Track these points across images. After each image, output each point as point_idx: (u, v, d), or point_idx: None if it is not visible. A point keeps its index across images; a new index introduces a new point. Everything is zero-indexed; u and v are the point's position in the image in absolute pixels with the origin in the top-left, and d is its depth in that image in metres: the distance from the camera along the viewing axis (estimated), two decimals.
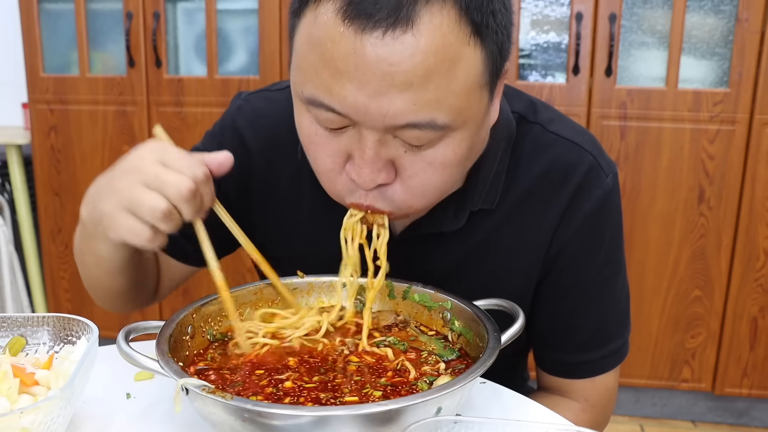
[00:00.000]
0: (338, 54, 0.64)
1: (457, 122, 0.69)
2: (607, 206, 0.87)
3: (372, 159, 0.69)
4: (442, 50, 0.64)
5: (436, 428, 0.54)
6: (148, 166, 0.69)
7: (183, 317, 0.74)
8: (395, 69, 0.63)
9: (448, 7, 0.64)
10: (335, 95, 0.66)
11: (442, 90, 0.65)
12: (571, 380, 0.94)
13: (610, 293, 0.91)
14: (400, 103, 0.65)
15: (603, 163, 0.87)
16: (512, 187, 0.87)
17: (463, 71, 0.66)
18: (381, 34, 0.62)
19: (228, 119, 0.98)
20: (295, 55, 0.71)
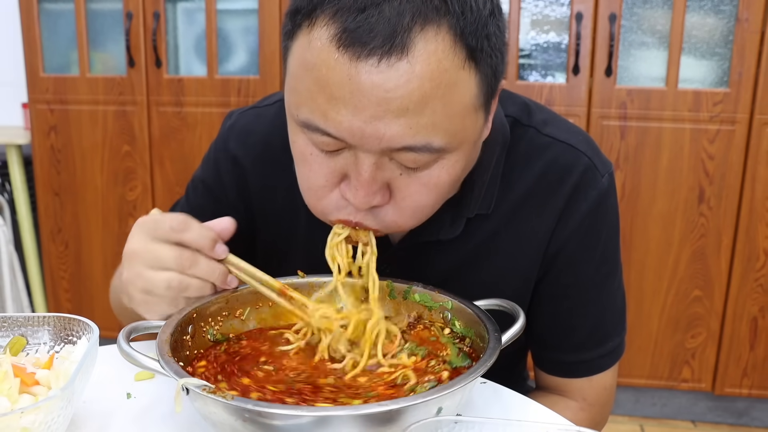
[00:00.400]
0: (333, 80, 0.64)
1: (453, 144, 0.69)
2: (603, 205, 0.87)
3: (368, 182, 0.69)
4: (438, 76, 0.64)
5: (437, 428, 0.54)
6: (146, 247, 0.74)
7: (183, 317, 0.74)
8: (391, 95, 0.63)
9: (443, 32, 0.64)
10: (331, 120, 0.66)
11: (438, 114, 0.66)
12: (569, 379, 0.94)
13: (607, 292, 0.92)
14: (396, 128, 0.65)
15: (598, 163, 0.87)
16: (508, 191, 0.87)
17: (459, 95, 0.66)
18: (376, 61, 0.62)
19: (220, 142, 0.99)
20: (289, 77, 0.71)
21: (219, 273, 0.76)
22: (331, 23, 0.64)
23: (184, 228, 0.73)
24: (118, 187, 2.57)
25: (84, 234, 2.63)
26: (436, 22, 0.63)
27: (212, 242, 0.74)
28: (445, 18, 0.64)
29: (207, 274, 0.75)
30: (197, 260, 0.74)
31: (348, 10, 0.63)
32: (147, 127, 2.49)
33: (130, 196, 2.57)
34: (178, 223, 0.73)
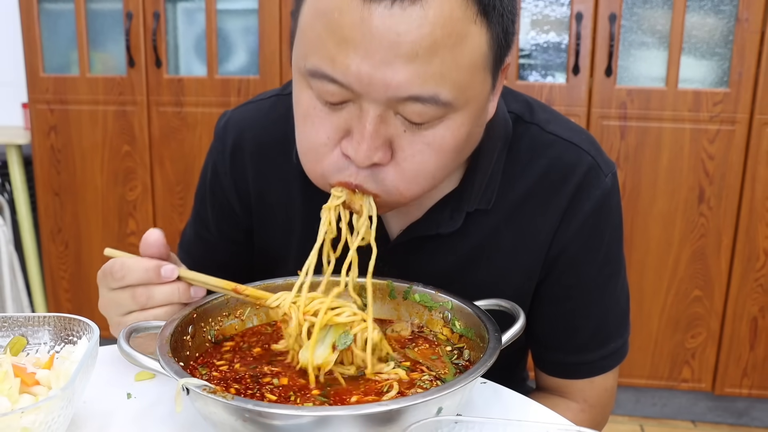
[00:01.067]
0: (345, 23, 0.64)
1: (460, 101, 0.68)
2: (607, 206, 0.87)
3: (371, 135, 0.68)
4: (450, 24, 0.64)
5: (437, 428, 0.54)
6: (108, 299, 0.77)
7: (183, 317, 0.74)
8: (402, 39, 0.63)
9: None
10: (339, 64, 0.66)
11: (447, 64, 0.65)
12: (571, 381, 0.94)
13: (610, 293, 0.91)
14: (404, 74, 0.65)
15: (602, 163, 0.87)
16: (509, 188, 0.86)
17: (469, 48, 0.66)
18: (389, 3, 0.63)
19: (216, 141, 0.99)
20: (299, 30, 0.71)
21: (180, 292, 0.76)
22: None
23: (124, 274, 0.74)
24: (118, 187, 2.57)
25: (84, 234, 2.63)
26: None
27: (155, 272, 0.75)
28: None
29: (167, 299, 0.75)
30: (151, 293, 0.75)
31: None
32: (147, 127, 2.49)
33: (130, 196, 2.57)
34: (116, 271, 0.75)
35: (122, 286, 0.75)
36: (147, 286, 0.75)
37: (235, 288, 0.76)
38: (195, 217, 1.04)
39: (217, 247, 1.02)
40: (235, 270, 1.03)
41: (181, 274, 0.76)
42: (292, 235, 0.96)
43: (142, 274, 0.74)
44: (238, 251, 1.02)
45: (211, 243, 1.02)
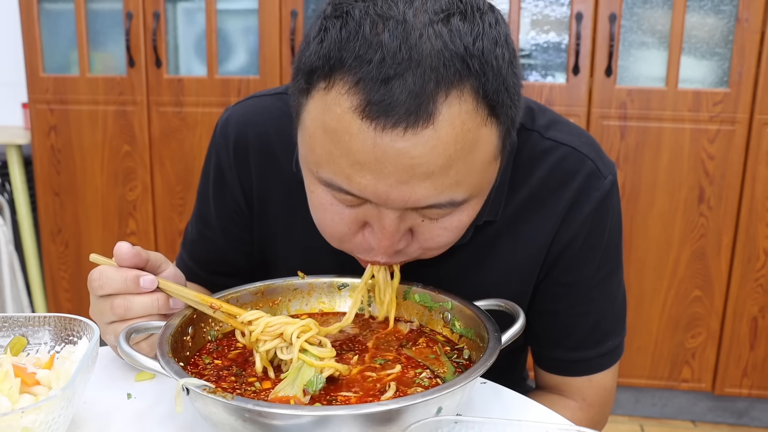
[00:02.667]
0: (356, 147, 0.64)
1: (474, 194, 0.71)
2: (605, 205, 0.87)
3: (392, 233, 0.70)
4: (461, 138, 0.64)
5: (437, 428, 0.54)
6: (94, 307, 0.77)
7: (183, 317, 0.74)
8: (416, 162, 0.64)
9: (465, 95, 0.63)
10: (355, 183, 0.66)
11: (461, 173, 0.67)
12: (569, 379, 0.94)
13: (608, 292, 0.92)
14: (422, 191, 0.66)
15: (602, 166, 0.88)
16: (512, 195, 0.87)
17: (481, 151, 0.67)
18: (402, 131, 0.62)
19: (220, 136, 0.98)
20: (305, 134, 0.70)
21: (159, 304, 0.75)
22: (353, 92, 0.63)
23: (102, 283, 0.74)
24: (118, 187, 2.57)
25: (84, 234, 2.64)
26: (458, 86, 0.63)
27: (134, 283, 0.74)
28: (468, 80, 0.63)
29: (145, 311, 0.75)
30: (129, 304, 0.74)
31: (371, 80, 0.62)
32: (147, 127, 2.49)
33: (130, 196, 2.57)
34: (95, 280, 0.75)
35: (102, 295, 0.75)
36: (125, 296, 0.75)
37: (211, 304, 0.74)
38: (197, 215, 1.04)
39: (221, 246, 1.02)
40: (239, 269, 1.03)
41: (160, 285, 0.76)
42: (292, 236, 0.96)
43: (121, 284, 0.74)
44: (242, 249, 1.02)
45: (214, 241, 1.02)
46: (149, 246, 2.54)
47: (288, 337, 0.69)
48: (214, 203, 1.00)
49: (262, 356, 0.70)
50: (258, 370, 0.70)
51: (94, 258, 0.77)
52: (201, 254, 1.04)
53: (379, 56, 0.61)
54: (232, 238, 1.01)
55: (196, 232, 1.04)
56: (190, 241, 1.06)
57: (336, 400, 0.65)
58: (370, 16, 0.63)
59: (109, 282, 0.74)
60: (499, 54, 0.65)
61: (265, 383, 0.68)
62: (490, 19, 0.66)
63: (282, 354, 0.70)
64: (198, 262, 1.05)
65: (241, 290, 0.82)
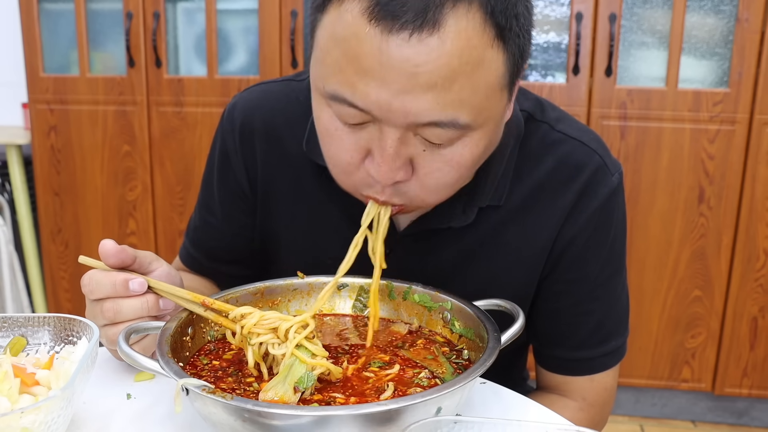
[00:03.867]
0: (363, 52, 0.64)
1: (478, 122, 0.69)
2: (612, 203, 0.88)
3: (392, 157, 0.69)
4: (467, 53, 0.64)
5: (436, 428, 0.54)
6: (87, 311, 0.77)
7: (183, 317, 0.74)
8: (420, 70, 0.64)
9: (473, 10, 0.64)
10: (358, 92, 0.66)
11: (465, 91, 0.66)
12: (570, 378, 0.94)
13: (612, 291, 0.92)
14: (423, 103, 0.65)
15: (609, 163, 0.88)
16: (519, 184, 0.87)
17: (486, 73, 0.67)
18: (407, 35, 0.63)
19: (226, 121, 0.98)
20: (317, 50, 0.71)
21: (149, 306, 0.75)
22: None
23: (92, 288, 0.74)
24: (118, 187, 2.57)
25: (84, 234, 2.64)
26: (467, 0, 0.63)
27: (123, 287, 0.74)
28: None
29: (135, 314, 0.75)
30: (119, 308, 0.74)
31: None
32: (147, 127, 2.49)
33: (130, 196, 2.57)
34: (85, 285, 0.75)
35: (94, 300, 0.75)
36: (115, 300, 0.74)
37: (203, 302, 0.74)
38: (201, 202, 1.04)
39: (224, 232, 1.02)
40: (241, 255, 1.02)
41: (151, 285, 0.75)
42: (296, 222, 0.95)
43: (110, 288, 0.74)
44: (245, 235, 1.01)
45: (218, 227, 1.02)
46: (149, 246, 2.54)
47: (282, 333, 0.69)
48: (218, 188, 1.00)
49: (254, 351, 0.69)
50: (250, 366, 0.70)
51: (83, 260, 0.76)
52: (203, 241, 1.04)
53: None
54: (236, 224, 1.01)
55: (199, 219, 1.04)
56: (193, 228, 1.06)
57: (334, 401, 0.65)
58: None
59: (98, 287, 0.74)
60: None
61: (264, 384, 0.68)
62: None
63: (273, 349, 0.69)
64: (200, 249, 1.04)
65: (240, 290, 0.82)
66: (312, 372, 0.66)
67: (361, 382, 0.69)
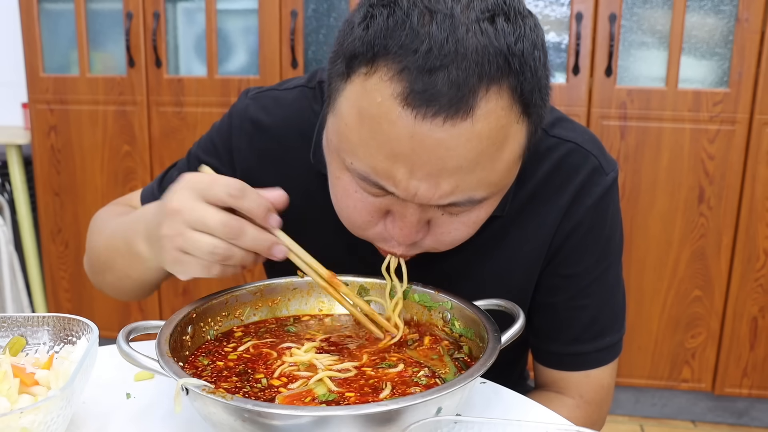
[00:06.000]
0: (394, 135, 0.64)
1: (494, 192, 0.72)
2: (606, 200, 0.89)
3: (412, 225, 0.72)
4: (495, 133, 0.65)
5: (436, 428, 0.54)
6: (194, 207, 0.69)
7: (183, 317, 0.74)
8: (450, 154, 0.64)
9: (503, 91, 0.64)
10: (387, 177, 0.67)
11: (486, 171, 0.68)
12: (566, 374, 0.95)
13: (606, 286, 0.93)
14: (446, 187, 0.67)
15: (604, 163, 0.89)
16: (518, 190, 0.88)
17: (509, 149, 0.68)
18: (441, 121, 0.63)
19: (236, 119, 0.97)
20: (339, 120, 0.70)
21: (267, 244, 0.72)
22: (396, 79, 0.63)
23: (241, 195, 0.69)
24: (118, 187, 2.57)
25: (84, 234, 2.63)
26: (498, 83, 0.64)
27: (266, 211, 0.72)
28: (507, 78, 0.64)
29: (253, 245, 0.71)
30: (245, 230, 0.69)
31: (416, 69, 0.62)
32: (147, 127, 2.49)
33: None
34: (235, 189, 0.69)
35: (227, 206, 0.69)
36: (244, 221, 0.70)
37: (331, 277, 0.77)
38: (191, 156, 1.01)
39: None
40: None
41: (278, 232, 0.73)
42: (302, 229, 0.94)
43: (256, 207, 0.70)
44: None
45: None
46: None
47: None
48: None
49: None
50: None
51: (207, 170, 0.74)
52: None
53: (426, 46, 0.62)
54: None
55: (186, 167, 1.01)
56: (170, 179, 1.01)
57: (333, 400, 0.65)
58: (419, 8, 0.64)
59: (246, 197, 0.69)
60: (537, 56, 0.66)
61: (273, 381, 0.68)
62: (530, 23, 0.67)
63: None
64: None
65: (240, 290, 0.82)
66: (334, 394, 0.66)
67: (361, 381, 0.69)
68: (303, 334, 0.80)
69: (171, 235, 0.70)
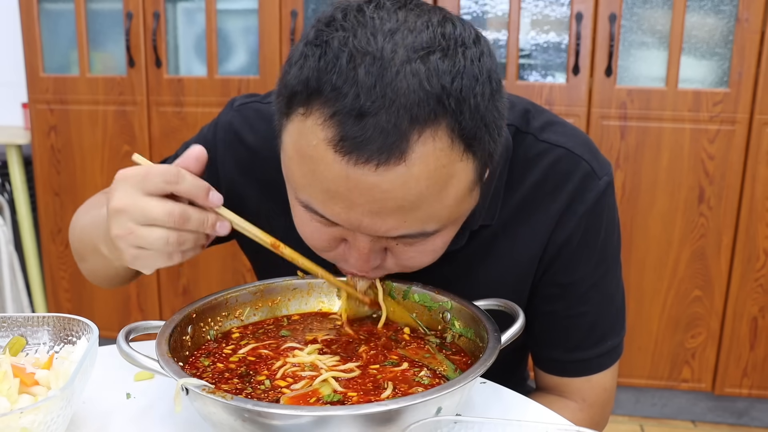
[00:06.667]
0: (331, 177, 0.64)
1: (447, 225, 0.71)
2: (600, 205, 0.87)
3: (366, 254, 0.72)
4: (435, 175, 0.64)
5: (436, 428, 0.54)
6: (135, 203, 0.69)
7: (183, 317, 0.74)
8: (387, 196, 0.64)
9: (440, 133, 0.63)
10: (329, 210, 0.67)
11: (433, 208, 0.67)
12: (568, 379, 0.94)
13: (605, 291, 0.92)
14: (392, 222, 0.66)
15: (596, 166, 0.87)
16: (508, 198, 0.87)
17: (455, 186, 0.67)
18: (373, 167, 0.62)
19: (221, 132, 0.97)
20: (285, 156, 0.71)
21: (210, 222, 0.73)
22: (328, 125, 0.63)
23: (178, 179, 0.70)
24: None
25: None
26: (433, 125, 0.62)
27: (206, 191, 0.72)
28: (443, 118, 0.62)
29: (200, 226, 0.72)
30: (188, 214, 0.70)
31: (346, 115, 0.61)
32: (147, 127, 2.49)
33: None
34: (172, 174, 0.70)
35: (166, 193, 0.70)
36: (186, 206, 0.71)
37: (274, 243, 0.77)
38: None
39: None
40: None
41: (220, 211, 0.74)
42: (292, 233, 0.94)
43: (194, 188, 0.71)
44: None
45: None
46: None
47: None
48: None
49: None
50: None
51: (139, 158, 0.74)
52: None
53: (354, 92, 0.61)
54: None
55: None
56: None
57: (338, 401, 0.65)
58: (348, 49, 0.62)
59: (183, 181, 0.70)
60: (478, 91, 0.64)
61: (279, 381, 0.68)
62: (473, 54, 0.65)
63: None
64: None
65: (240, 290, 0.82)
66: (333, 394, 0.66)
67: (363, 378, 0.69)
68: (301, 335, 0.80)
69: (122, 235, 0.70)
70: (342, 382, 0.68)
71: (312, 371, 0.70)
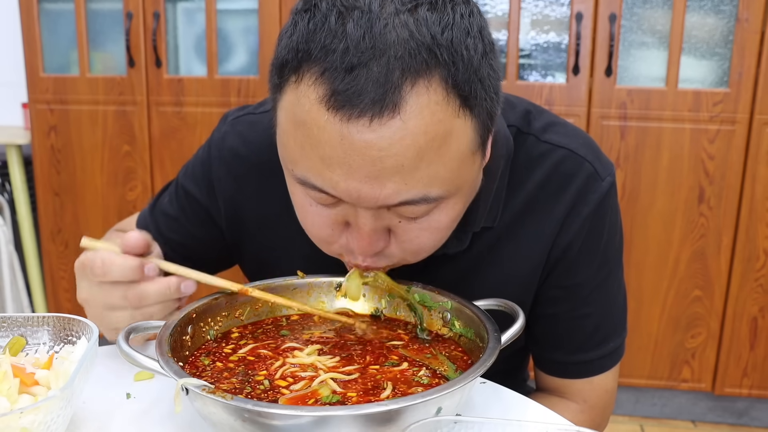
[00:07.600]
0: (325, 140, 0.63)
1: (451, 191, 0.69)
2: (603, 207, 0.87)
3: (369, 233, 0.70)
4: (432, 129, 0.63)
5: (436, 428, 0.54)
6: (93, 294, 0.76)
7: (183, 317, 0.74)
8: (385, 154, 0.62)
9: (434, 84, 0.62)
10: (327, 180, 0.66)
11: (433, 166, 0.65)
12: (570, 381, 0.94)
13: (607, 293, 0.91)
14: (392, 185, 0.64)
15: (599, 167, 0.87)
16: (510, 200, 0.87)
17: (455, 144, 0.65)
18: (368, 121, 0.61)
19: (215, 149, 0.97)
20: (280, 132, 0.70)
21: (173, 289, 0.75)
22: (318, 83, 0.62)
23: (105, 271, 0.73)
24: (118, 187, 2.57)
25: (84, 234, 2.63)
26: (426, 76, 0.61)
27: (139, 271, 0.74)
28: (436, 69, 0.62)
29: (161, 297, 0.74)
30: (144, 293, 0.74)
31: (336, 70, 0.61)
32: (147, 127, 2.49)
33: (130, 196, 2.57)
34: (99, 267, 0.73)
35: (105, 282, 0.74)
36: (136, 284, 0.74)
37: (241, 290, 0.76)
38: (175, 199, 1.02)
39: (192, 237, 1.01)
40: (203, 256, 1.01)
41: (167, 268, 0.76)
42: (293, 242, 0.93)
43: (125, 272, 0.73)
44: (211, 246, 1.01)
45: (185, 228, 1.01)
46: None
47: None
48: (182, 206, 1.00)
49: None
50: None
51: (87, 242, 0.75)
52: (167, 231, 1.01)
53: (343, 46, 0.61)
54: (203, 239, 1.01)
55: (171, 208, 1.02)
56: (164, 213, 1.03)
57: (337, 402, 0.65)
58: (337, 8, 0.63)
59: (111, 271, 0.73)
60: (470, 44, 0.63)
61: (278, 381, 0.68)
62: (463, 11, 0.64)
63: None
64: (163, 237, 1.01)
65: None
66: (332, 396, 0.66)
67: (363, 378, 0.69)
68: (300, 335, 0.80)
69: (96, 319, 0.76)
70: (341, 383, 0.68)
71: (311, 372, 0.70)
